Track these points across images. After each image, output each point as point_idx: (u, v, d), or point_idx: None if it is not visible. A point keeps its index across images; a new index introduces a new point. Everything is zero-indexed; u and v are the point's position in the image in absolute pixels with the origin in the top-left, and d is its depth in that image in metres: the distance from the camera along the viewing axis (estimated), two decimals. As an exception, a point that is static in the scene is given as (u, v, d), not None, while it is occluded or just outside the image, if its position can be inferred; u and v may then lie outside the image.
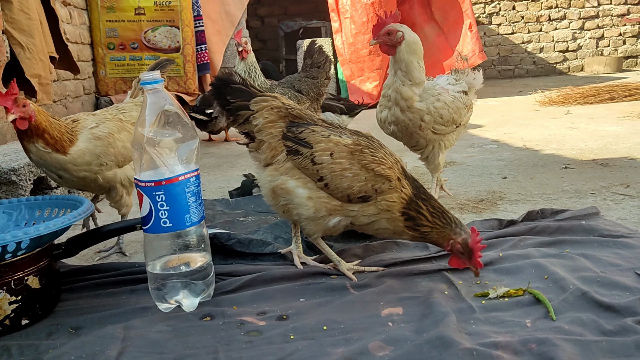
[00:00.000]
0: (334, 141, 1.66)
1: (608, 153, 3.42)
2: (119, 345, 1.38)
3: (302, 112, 1.75)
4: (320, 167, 1.63)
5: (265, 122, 1.71)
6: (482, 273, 1.70)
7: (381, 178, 1.65)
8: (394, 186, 1.65)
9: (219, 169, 3.80)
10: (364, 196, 1.65)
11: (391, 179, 1.65)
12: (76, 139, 1.95)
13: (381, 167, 1.65)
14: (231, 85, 1.73)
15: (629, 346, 1.25)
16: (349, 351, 1.30)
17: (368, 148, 1.67)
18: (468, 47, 7.06)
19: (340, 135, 1.69)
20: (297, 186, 1.67)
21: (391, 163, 1.67)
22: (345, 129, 1.76)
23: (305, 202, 1.67)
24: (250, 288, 1.67)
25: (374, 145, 1.69)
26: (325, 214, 1.67)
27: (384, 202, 1.65)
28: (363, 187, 1.64)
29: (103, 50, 5.73)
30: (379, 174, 1.64)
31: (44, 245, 1.52)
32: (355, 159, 1.65)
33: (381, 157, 1.66)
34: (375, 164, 1.65)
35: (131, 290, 1.71)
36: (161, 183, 1.50)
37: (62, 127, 1.92)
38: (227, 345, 1.38)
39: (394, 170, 1.66)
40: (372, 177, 1.64)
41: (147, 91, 1.50)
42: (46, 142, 1.87)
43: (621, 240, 1.86)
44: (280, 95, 1.78)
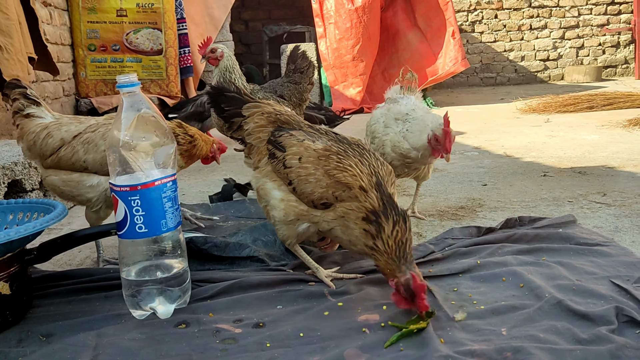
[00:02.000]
0: (304, 146, 1.65)
1: (586, 161, 3.47)
2: (90, 353, 1.35)
3: (290, 117, 1.76)
4: (289, 170, 1.64)
5: (254, 126, 1.76)
6: (460, 280, 1.70)
7: (341, 185, 1.58)
8: (354, 195, 1.56)
9: (199, 173, 3.77)
10: (325, 203, 1.61)
11: (352, 187, 1.57)
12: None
13: (343, 174, 1.58)
14: (225, 94, 1.83)
15: (603, 355, 1.26)
16: (325, 359, 1.29)
17: (337, 154, 1.61)
18: (451, 54, 7.12)
19: (315, 140, 1.67)
20: (273, 188, 1.72)
21: (358, 172, 1.58)
22: (332, 134, 1.72)
23: (278, 204, 1.69)
24: (227, 295, 1.66)
25: (347, 153, 1.62)
26: (293, 219, 1.67)
27: (340, 209, 1.59)
28: (324, 194, 1.60)
29: (84, 51, 5.67)
30: (338, 181, 1.58)
31: (14, 250, 1.49)
32: (321, 165, 1.61)
33: (348, 164, 1.59)
34: (337, 170, 1.59)
35: (105, 296, 1.68)
36: (137, 188, 1.48)
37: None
38: (202, 353, 1.36)
39: (358, 179, 1.57)
40: (333, 183, 1.59)
41: (124, 94, 1.48)
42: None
43: (597, 249, 1.88)
44: (274, 102, 1.81)
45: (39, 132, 1.99)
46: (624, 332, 1.36)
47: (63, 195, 2.01)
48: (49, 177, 2.01)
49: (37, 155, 2.02)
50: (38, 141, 1.98)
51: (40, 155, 2.01)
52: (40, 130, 2.00)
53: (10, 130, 4.46)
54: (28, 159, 2.13)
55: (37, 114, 2.04)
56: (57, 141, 1.97)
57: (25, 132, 2.02)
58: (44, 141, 1.98)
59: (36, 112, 2.04)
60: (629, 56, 10.48)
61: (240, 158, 4.35)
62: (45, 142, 1.97)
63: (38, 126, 2.01)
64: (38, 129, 2.00)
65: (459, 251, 1.92)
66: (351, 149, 1.64)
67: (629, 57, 10.48)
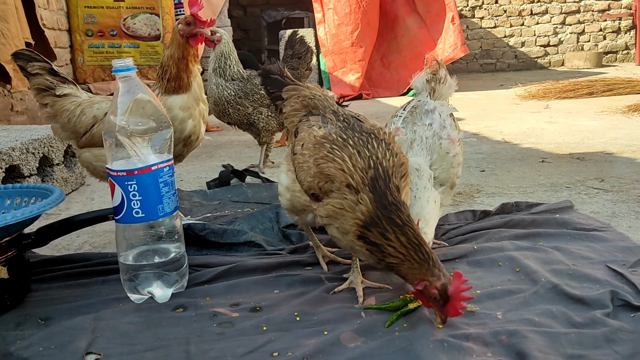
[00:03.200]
0: (309, 132, 1.57)
1: (584, 147, 3.46)
2: (88, 336, 1.36)
3: (319, 102, 1.64)
4: (295, 157, 1.59)
5: (290, 110, 1.68)
6: (456, 265, 1.71)
7: (323, 176, 1.43)
8: (339, 190, 1.40)
9: (197, 159, 3.77)
10: (314, 194, 1.49)
11: (334, 180, 1.40)
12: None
13: (327, 165, 1.42)
14: (270, 76, 1.75)
15: (598, 338, 1.27)
16: (321, 342, 1.30)
17: (332, 143, 1.46)
18: (450, 40, 7.07)
19: (323, 126, 1.54)
20: (282, 172, 1.68)
21: (349, 166, 1.40)
22: (352, 119, 1.55)
23: (284, 192, 1.66)
24: (224, 279, 1.66)
25: (346, 143, 1.45)
26: (298, 209, 1.64)
27: (329, 206, 1.43)
28: (311, 184, 1.48)
29: (81, 36, 5.63)
30: (322, 172, 1.43)
31: (12, 235, 1.49)
32: (314, 153, 1.48)
33: (340, 155, 1.42)
34: (324, 160, 1.44)
35: (103, 281, 1.69)
36: (133, 173, 1.47)
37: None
38: (199, 336, 1.37)
39: (348, 176, 1.39)
40: (318, 173, 1.45)
41: (120, 79, 1.47)
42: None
43: (594, 234, 1.88)
44: (313, 85, 1.73)
45: (74, 110, 2.00)
46: (619, 316, 1.37)
47: (96, 172, 2.02)
48: (83, 154, 2.02)
49: (71, 133, 2.02)
50: (73, 119, 1.99)
51: (74, 133, 2.01)
52: (74, 108, 1.99)
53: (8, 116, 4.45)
54: (61, 138, 2.13)
55: (74, 93, 2.04)
56: (90, 119, 1.97)
57: (59, 111, 2.01)
58: (78, 119, 1.98)
59: (72, 92, 2.03)
60: (629, 42, 10.43)
61: (238, 144, 4.35)
62: (79, 120, 1.98)
63: (72, 104, 2.00)
64: (72, 107, 2.00)
65: (456, 237, 1.93)
66: (356, 139, 1.47)
67: (629, 43, 10.43)
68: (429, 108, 1.87)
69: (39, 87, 2.02)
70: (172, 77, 1.94)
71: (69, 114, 2.00)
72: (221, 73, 3.16)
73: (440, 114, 1.84)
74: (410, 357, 1.23)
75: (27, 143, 2.56)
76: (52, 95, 2.02)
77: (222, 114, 3.26)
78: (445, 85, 1.95)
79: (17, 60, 2.02)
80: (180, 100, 1.95)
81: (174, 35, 1.96)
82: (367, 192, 1.37)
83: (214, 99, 3.17)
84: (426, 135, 1.79)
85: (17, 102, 4.61)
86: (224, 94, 3.17)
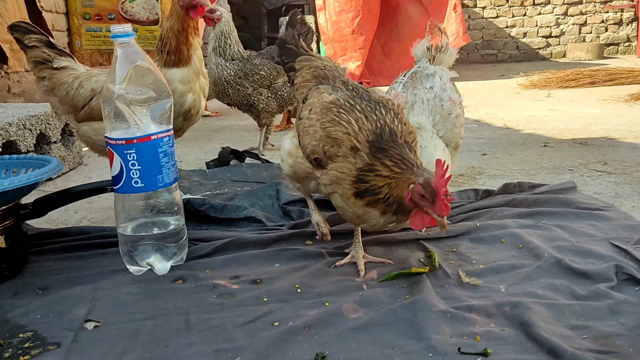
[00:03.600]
0: (318, 97, 1.52)
1: (587, 133, 3.44)
2: (87, 305, 1.35)
3: (330, 72, 1.61)
4: (300, 122, 1.56)
5: (301, 81, 1.65)
6: (459, 242, 1.69)
7: (330, 140, 1.41)
8: (345, 154, 1.38)
9: (196, 142, 3.74)
10: (317, 159, 1.45)
11: (341, 144, 1.38)
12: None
13: (335, 128, 1.40)
14: (285, 45, 1.72)
15: (602, 310, 1.26)
16: (322, 312, 1.28)
17: (340, 107, 1.45)
18: (452, 28, 7.02)
19: (333, 93, 1.51)
20: (287, 138, 1.65)
21: (354, 129, 1.39)
22: (361, 89, 1.53)
23: (287, 157, 1.64)
24: (224, 253, 1.65)
25: (354, 108, 1.44)
26: (300, 176, 1.61)
27: (332, 171, 1.40)
28: (315, 147, 1.44)
29: (79, 20, 5.58)
30: (329, 135, 1.41)
31: (9, 204, 1.47)
32: (321, 117, 1.46)
33: (346, 119, 1.41)
34: (331, 123, 1.42)
35: (101, 253, 1.67)
36: (132, 141, 1.45)
37: None
38: (199, 307, 1.35)
39: (353, 138, 1.38)
40: (324, 137, 1.42)
41: (118, 45, 1.45)
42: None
43: (597, 213, 1.87)
44: (325, 57, 1.70)
45: (72, 82, 1.97)
46: (623, 289, 1.36)
47: (95, 146, 1.99)
48: (82, 128, 1.98)
49: (70, 107, 1.99)
50: (71, 92, 1.96)
51: (72, 107, 1.98)
52: (72, 80, 1.96)
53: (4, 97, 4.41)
54: (59, 113, 2.10)
55: (72, 66, 2.00)
56: (89, 92, 1.94)
57: (57, 84, 1.98)
58: (76, 92, 1.95)
59: (70, 65, 2.00)
60: (631, 34, 10.38)
61: (237, 128, 4.32)
62: (77, 93, 1.95)
63: (70, 77, 1.97)
64: (70, 79, 1.97)
65: (459, 215, 1.91)
66: (364, 105, 1.45)
67: (631, 35, 10.38)
68: (429, 72, 1.87)
69: (36, 59, 1.98)
70: (171, 50, 1.91)
71: (66, 87, 1.97)
72: (221, 52, 3.13)
73: (441, 77, 1.84)
74: (412, 327, 1.22)
75: (24, 119, 2.53)
76: (50, 68, 1.98)
77: (221, 95, 3.22)
78: (446, 54, 1.96)
79: (14, 33, 1.98)
80: (181, 73, 1.91)
81: (173, 6, 1.92)
82: (365, 147, 1.37)
83: (213, 79, 3.14)
84: (427, 98, 1.79)
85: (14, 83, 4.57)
86: (223, 74, 3.13)
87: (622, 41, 10.42)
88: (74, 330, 1.24)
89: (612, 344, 1.13)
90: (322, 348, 1.15)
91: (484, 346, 1.13)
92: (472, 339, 1.16)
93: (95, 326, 1.26)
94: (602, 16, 10.31)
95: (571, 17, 10.32)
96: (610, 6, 10.22)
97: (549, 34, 10.38)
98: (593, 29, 10.36)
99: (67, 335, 1.22)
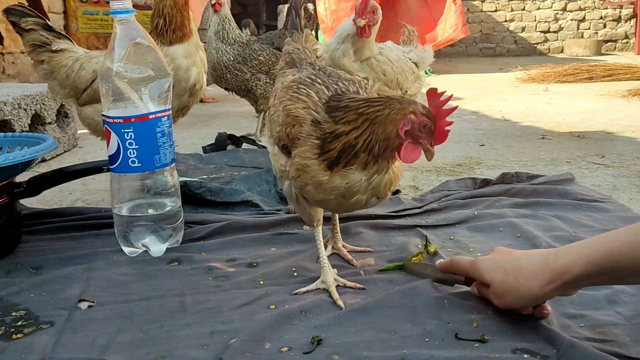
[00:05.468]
0: (281, 81, 1.41)
1: (585, 127, 3.44)
2: (81, 284, 1.33)
3: (297, 55, 1.51)
4: (268, 111, 1.45)
5: (279, 69, 1.56)
6: (456, 230, 1.69)
7: (291, 119, 1.25)
8: (307, 133, 1.21)
9: (193, 127, 3.72)
10: (284, 145, 1.29)
11: (303, 122, 1.22)
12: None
13: (295, 105, 1.25)
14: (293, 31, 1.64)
15: (599, 299, 1.25)
16: (319, 298, 1.27)
17: (300, 83, 1.30)
18: (451, 20, 7.00)
19: (299, 73, 1.39)
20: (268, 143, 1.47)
21: (313, 102, 1.24)
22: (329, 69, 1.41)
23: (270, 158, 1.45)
24: (220, 236, 1.63)
25: (314, 82, 1.29)
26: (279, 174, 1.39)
27: (297, 159, 1.23)
28: (280, 133, 1.29)
29: (75, 2, 5.52)
30: (288, 114, 1.26)
31: (3, 181, 1.45)
32: (282, 97, 1.32)
33: (306, 93, 1.26)
34: (290, 101, 1.27)
35: (96, 234, 1.65)
36: (130, 120, 1.43)
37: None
38: (195, 289, 1.34)
39: (312, 111, 1.22)
40: (285, 117, 1.27)
41: (117, 21, 1.42)
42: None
43: (595, 204, 1.86)
44: (299, 38, 1.59)
45: (72, 65, 1.93)
46: (621, 279, 1.35)
47: (98, 129, 1.96)
48: (85, 110, 1.95)
49: (71, 90, 1.95)
50: (72, 74, 1.92)
51: (74, 90, 1.95)
52: (72, 63, 1.93)
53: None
54: (60, 97, 2.06)
55: (70, 48, 1.97)
56: (90, 73, 1.91)
57: (57, 67, 1.94)
58: (77, 74, 1.92)
59: (69, 47, 1.96)
60: (629, 31, 10.38)
61: (234, 115, 4.30)
62: (78, 75, 1.92)
63: (70, 59, 1.94)
64: (70, 62, 1.94)
65: (456, 203, 1.90)
66: (327, 78, 1.32)
67: (629, 32, 10.38)
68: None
69: (33, 43, 1.95)
70: (177, 27, 1.86)
71: (67, 70, 1.94)
72: (224, 36, 3.11)
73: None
74: (410, 312, 1.21)
75: (19, 99, 2.50)
76: (48, 51, 1.95)
77: (219, 79, 3.20)
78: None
79: (9, 16, 1.95)
80: (182, 48, 1.88)
81: None
82: (322, 111, 1.21)
83: (212, 63, 3.11)
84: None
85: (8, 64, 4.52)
86: (222, 59, 3.11)
87: (620, 38, 10.43)
88: (68, 309, 1.23)
89: (609, 333, 1.13)
90: (318, 331, 1.14)
91: (481, 333, 1.12)
92: (470, 325, 1.16)
93: (89, 306, 1.24)
94: (601, 12, 10.30)
95: (570, 13, 10.30)
96: (609, 2, 10.20)
97: (548, 29, 10.37)
98: (591, 25, 10.35)
99: (60, 314, 1.21)
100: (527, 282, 1.07)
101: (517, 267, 1.10)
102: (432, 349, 1.07)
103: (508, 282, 1.11)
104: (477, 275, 1.19)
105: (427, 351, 1.06)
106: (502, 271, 1.12)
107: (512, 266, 1.11)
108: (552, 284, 1.05)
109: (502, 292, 1.13)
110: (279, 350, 1.07)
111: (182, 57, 1.88)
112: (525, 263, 1.10)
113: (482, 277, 1.17)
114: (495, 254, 1.19)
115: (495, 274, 1.14)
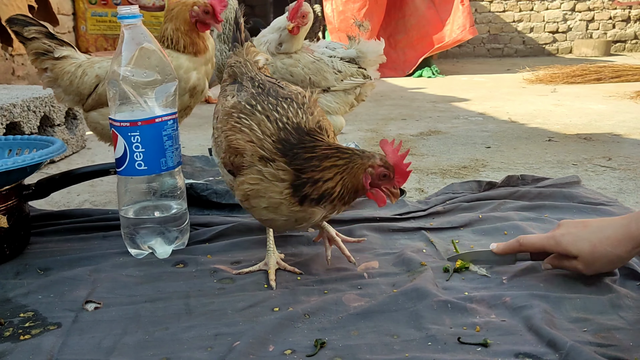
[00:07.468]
0: (221, 102, 1.45)
1: (592, 129, 3.43)
2: (88, 286, 1.35)
3: (238, 68, 1.52)
4: (213, 132, 1.49)
5: (222, 82, 1.59)
6: (461, 233, 1.69)
7: (233, 150, 1.32)
8: (252, 164, 1.28)
9: (199, 128, 3.74)
10: (230, 171, 1.37)
11: (244, 154, 1.29)
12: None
13: (236, 136, 1.31)
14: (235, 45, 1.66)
15: (604, 303, 1.25)
16: (323, 300, 1.28)
17: (240, 112, 1.34)
18: (459, 21, 6.98)
19: (238, 94, 1.42)
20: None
21: (257, 137, 1.28)
22: (270, 84, 1.43)
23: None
24: (225, 238, 1.65)
25: (255, 110, 1.33)
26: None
27: (245, 185, 1.30)
28: (225, 159, 1.37)
29: (84, 4, 5.57)
30: (231, 145, 1.33)
31: (12, 183, 1.47)
32: (223, 125, 1.38)
33: (248, 124, 1.31)
34: (232, 131, 1.33)
35: (103, 236, 1.67)
36: (137, 124, 1.44)
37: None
38: (200, 291, 1.35)
39: (258, 147, 1.28)
40: (227, 147, 1.34)
41: (125, 26, 1.44)
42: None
43: (600, 208, 1.86)
44: (240, 50, 1.59)
45: (74, 71, 1.96)
46: (625, 284, 1.35)
47: (104, 132, 1.98)
48: (91, 114, 1.98)
49: (75, 96, 1.98)
50: (75, 80, 1.95)
51: (78, 95, 1.97)
52: (75, 69, 1.95)
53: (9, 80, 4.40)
54: (66, 104, 2.08)
55: (73, 55, 1.99)
56: (93, 78, 1.94)
57: (60, 73, 1.97)
58: (80, 80, 1.94)
59: (71, 54, 1.99)
60: (638, 31, 10.31)
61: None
62: (82, 81, 1.94)
63: (72, 65, 1.96)
64: (73, 68, 1.96)
65: (461, 206, 1.90)
66: (266, 103, 1.34)
67: (638, 32, 10.31)
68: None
69: (37, 51, 1.97)
70: (186, 45, 1.91)
71: (70, 76, 1.96)
72: (226, 39, 3.11)
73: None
74: (413, 316, 1.22)
75: (29, 101, 2.53)
76: (51, 59, 1.97)
77: (224, 81, 3.22)
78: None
79: (12, 26, 1.97)
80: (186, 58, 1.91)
81: (181, 11, 1.89)
82: (280, 157, 1.27)
83: (217, 65, 3.12)
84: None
85: (18, 66, 4.56)
86: (225, 61, 3.12)
87: (629, 38, 10.36)
88: (75, 311, 1.25)
89: (612, 338, 1.13)
90: (321, 334, 1.15)
91: (484, 337, 1.13)
92: (472, 329, 1.16)
93: (95, 307, 1.26)
94: (610, 13, 10.24)
95: (578, 13, 10.25)
96: (619, 3, 10.14)
97: (556, 30, 10.32)
98: (600, 25, 10.29)
99: (67, 315, 1.23)
100: (615, 249, 1.26)
101: (604, 237, 1.27)
102: (434, 353, 1.08)
103: (597, 252, 1.27)
104: (560, 249, 1.32)
105: (430, 355, 1.07)
106: (588, 242, 1.28)
107: (597, 237, 1.27)
108: (637, 248, 1.25)
109: (592, 260, 1.29)
110: (282, 353, 1.08)
111: (185, 59, 1.90)
112: (609, 233, 1.26)
113: (568, 251, 1.30)
114: (569, 227, 1.33)
115: (582, 246, 1.28)
